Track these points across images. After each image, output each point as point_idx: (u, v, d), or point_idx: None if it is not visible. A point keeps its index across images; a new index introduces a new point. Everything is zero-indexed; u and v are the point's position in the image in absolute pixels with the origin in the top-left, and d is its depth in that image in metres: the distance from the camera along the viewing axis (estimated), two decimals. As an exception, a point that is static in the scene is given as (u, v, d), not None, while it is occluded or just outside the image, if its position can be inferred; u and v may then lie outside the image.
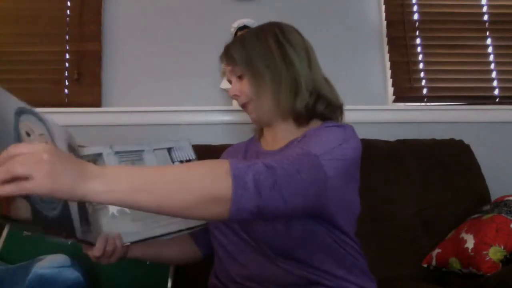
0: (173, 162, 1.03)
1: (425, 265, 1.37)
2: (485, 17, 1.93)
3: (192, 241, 1.07)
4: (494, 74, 1.89)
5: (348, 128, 0.86)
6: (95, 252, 0.81)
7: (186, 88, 1.83)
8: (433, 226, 1.44)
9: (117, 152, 0.99)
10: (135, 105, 1.78)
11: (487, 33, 1.91)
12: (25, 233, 0.75)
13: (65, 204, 0.72)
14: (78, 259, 1.03)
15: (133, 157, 1.00)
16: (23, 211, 0.60)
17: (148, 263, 1.26)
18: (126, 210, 0.91)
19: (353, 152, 0.82)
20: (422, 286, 1.28)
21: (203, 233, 1.04)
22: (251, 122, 1.00)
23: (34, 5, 1.83)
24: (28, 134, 0.72)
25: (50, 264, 0.94)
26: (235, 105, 1.75)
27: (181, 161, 1.05)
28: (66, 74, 1.80)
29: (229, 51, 0.95)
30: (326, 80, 0.97)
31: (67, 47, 1.82)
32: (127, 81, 1.82)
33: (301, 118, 0.92)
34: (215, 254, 0.97)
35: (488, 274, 1.15)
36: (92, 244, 0.81)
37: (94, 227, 0.84)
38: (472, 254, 1.20)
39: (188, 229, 0.97)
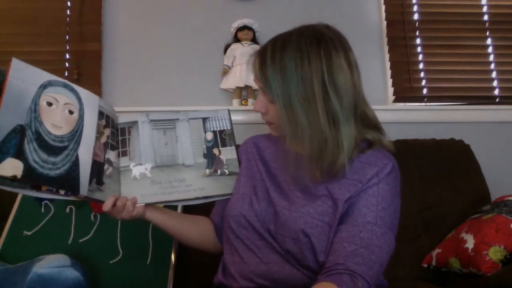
0: (205, 132, 1.06)
1: (425, 265, 1.37)
2: (485, 17, 1.93)
3: (213, 231, 1.05)
4: (494, 74, 1.89)
5: (395, 170, 0.89)
6: (103, 207, 0.88)
7: (186, 88, 1.83)
8: (433, 226, 1.43)
9: (151, 121, 1.04)
10: (135, 105, 1.78)
11: (487, 33, 1.91)
12: (25, 232, 0.79)
13: (75, 163, 0.84)
14: (78, 259, 1.03)
15: (166, 125, 1.05)
16: (9, 169, 0.73)
17: (148, 262, 1.27)
18: (148, 173, 0.98)
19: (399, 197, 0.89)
20: (422, 286, 1.28)
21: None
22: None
23: (34, 5, 1.84)
24: (49, 104, 0.85)
25: (50, 264, 0.94)
26: (235, 105, 1.75)
27: (214, 131, 1.06)
28: (66, 74, 1.80)
29: (266, 73, 0.84)
30: (367, 114, 0.90)
31: (67, 47, 1.83)
32: (127, 81, 1.83)
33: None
34: (229, 248, 0.96)
35: (488, 274, 1.15)
36: (100, 202, 0.88)
37: (108, 187, 0.91)
38: (472, 254, 1.20)
39: (204, 197, 0.99)
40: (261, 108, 0.90)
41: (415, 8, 1.92)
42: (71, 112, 0.89)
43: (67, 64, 1.82)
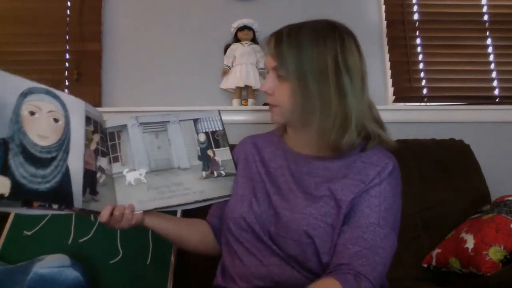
0: (197, 134, 1.04)
1: (425, 265, 1.37)
2: (485, 17, 1.93)
3: (212, 233, 1.05)
4: (494, 74, 1.89)
5: (396, 169, 0.89)
6: (100, 218, 0.85)
7: (186, 88, 1.83)
8: (433, 226, 1.43)
9: (141, 123, 1.01)
10: (135, 105, 1.78)
11: (487, 33, 1.91)
12: (25, 232, 0.77)
13: (66, 174, 0.79)
14: (78, 259, 1.03)
15: (157, 128, 1.02)
16: None
17: (148, 262, 1.27)
18: (143, 179, 0.95)
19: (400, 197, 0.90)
20: (422, 286, 1.28)
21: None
22: (272, 121, 0.94)
23: (34, 5, 1.84)
24: (32, 113, 0.79)
25: (50, 264, 0.94)
26: (235, 105, 1.75)
27: (206, 133, 1.05)
28: (66, 74, 1.80)
29: (282, 49, 0.86)
30: (371, 107, 0.93)
31: (67, 47, 1.83)
32: (127, 81, 1.83)
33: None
34: (228, 251, 0.96)
35: (488, 274, 1.15)
36: (96, 213, 0.85)
37: (103, 196, 0.87)
38: (472, 254, 1.20)
39: (204, 200, 0.97)
40: (268, 88, 0.89)
41: (415, 8, 1.93)
42: (56, 120, 0.83)
43: (67, 64, 1.82)
